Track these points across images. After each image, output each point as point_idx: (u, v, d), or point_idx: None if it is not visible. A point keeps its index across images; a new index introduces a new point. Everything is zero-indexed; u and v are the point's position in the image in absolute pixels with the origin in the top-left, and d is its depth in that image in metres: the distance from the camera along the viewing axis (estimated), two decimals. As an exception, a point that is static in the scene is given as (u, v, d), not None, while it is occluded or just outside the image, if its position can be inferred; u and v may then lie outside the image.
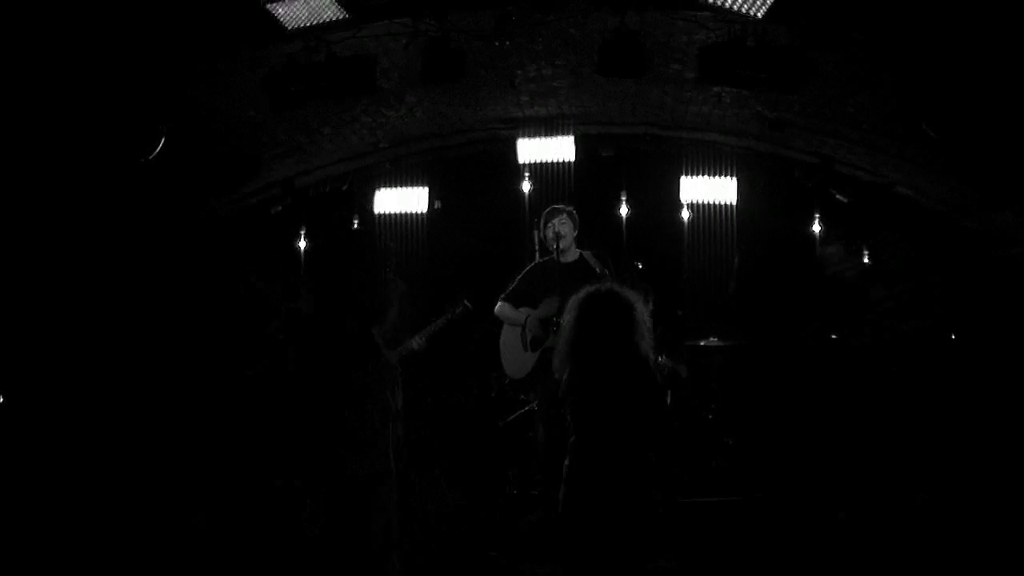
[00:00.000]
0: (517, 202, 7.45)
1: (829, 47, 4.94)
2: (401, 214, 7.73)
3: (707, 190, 7.28)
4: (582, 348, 3.38)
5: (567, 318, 3.48)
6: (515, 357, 5.67)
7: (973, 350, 6.30)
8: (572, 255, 5.57)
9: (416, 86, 6.18)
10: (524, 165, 7.46)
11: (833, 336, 6.73)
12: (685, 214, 7.33)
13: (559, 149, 7.41)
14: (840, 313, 6.90)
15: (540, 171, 7.50)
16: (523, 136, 7.47)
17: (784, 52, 4.91)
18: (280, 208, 7.67)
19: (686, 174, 7.34)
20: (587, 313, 3.39)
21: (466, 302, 5.96)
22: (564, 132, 7.44)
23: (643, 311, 3.40)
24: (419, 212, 7.70)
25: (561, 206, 5.67)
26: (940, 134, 4.97)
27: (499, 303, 5.66)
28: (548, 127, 7.48)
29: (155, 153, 5.36)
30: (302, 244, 7.74)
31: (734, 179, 7.26)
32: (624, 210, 7.05)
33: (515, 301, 5.63)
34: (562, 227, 5.48)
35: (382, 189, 7.77)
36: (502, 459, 6.11)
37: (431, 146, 7.75)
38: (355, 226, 7.52)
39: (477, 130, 7.59)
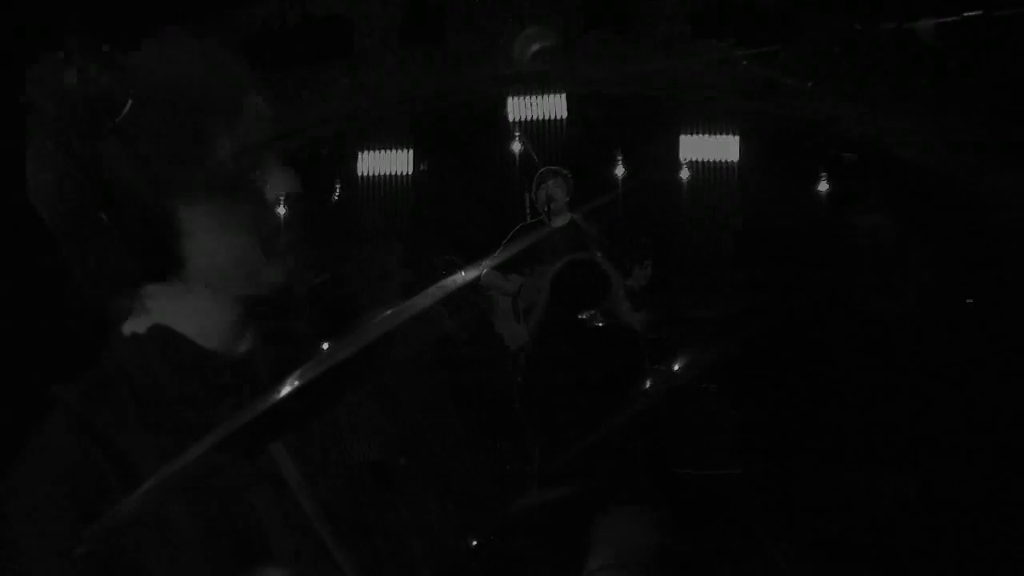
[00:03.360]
0: (507, 163, 7.17)
1: None
2: (386, 176, 7.46)
3: (707, 149, 7.07)
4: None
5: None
6: (505, 328, 5.49)
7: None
8: (564, 219, 5.36)
9: (396, 47, 5.99)
10: (514, 123, 7.20)
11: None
12: (684, 174, 7.07)
13: (551, 108, 7.16)
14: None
15: (531, 130, 7.21)
16: (513, 95, 7.20)
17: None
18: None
19: (685, 133, 7.12)
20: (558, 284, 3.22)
21: (453, 258, 5.72)
22: (556, 90, 7.18)
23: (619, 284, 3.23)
24: (405, 174, 7.43)
25: (555, 167, 5.45)
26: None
27: (485, 270, 5.44)
28: (539, 86, 7.17)
29: (121, 117, 5.11)
30: (281, 211, 7.45)
31: (736, 137, 7.04)
32: (619, 170, 6.80)
33: (503, 267, 5.40)
34: (555, 190, 5.29)
35: (365, 151, 7.48)
36: (494, 432, 5.97)
37: (416, 108, 7.45)
38: (337, 190, 7.25)
39: (464, 90, 7.25)
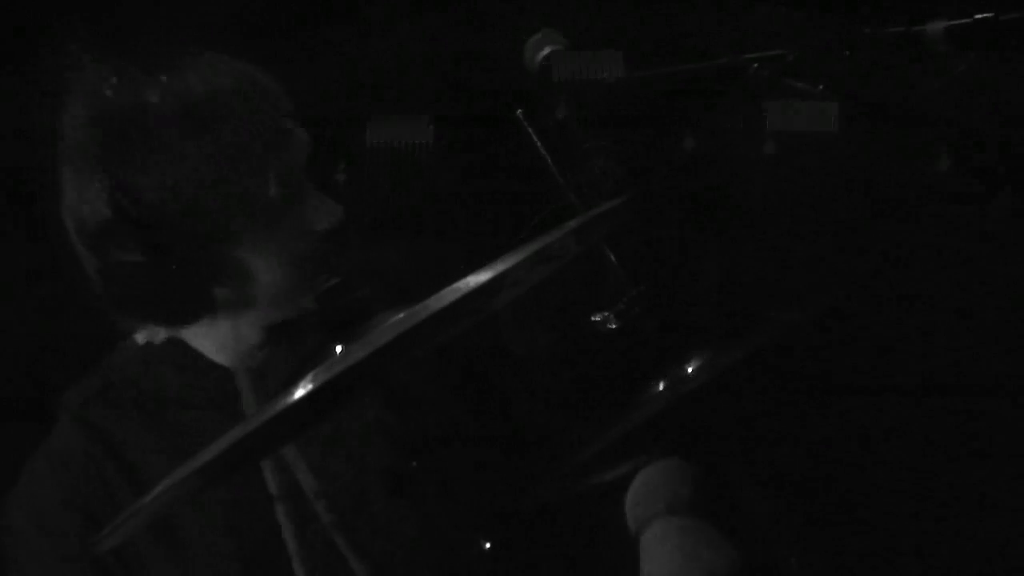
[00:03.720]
0: (547, 133, 6.26)
1: None
2: (399, 148, 6.54)
3: (798, 117, 6.05)
4: None
5: None
6: (516, 326, 4.89)
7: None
8: (609, 205, 4.54)
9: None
10: (559, 84, 6.23)
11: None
12: (769, 148, 6.06)
13: (604, 65, 5.79)
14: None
15: (579, 93, 6.20)
16: (555, 49, 6.36)
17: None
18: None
19: (769, 98, 5.97)
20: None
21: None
22: (610, 46, 5.91)
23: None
24: (424, 143, 6.47)
25: (602, 143, 4.59)
26: None
27: (505, 257, 4.56)
28: (587, 43, 6.38)
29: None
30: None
31: (835, 104, 5.95)
32: (689, 143, 5.92)
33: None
34: (600, 171, 4.57)
35: (375, 120, 6.48)
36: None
37: (437, 70, 6.55)
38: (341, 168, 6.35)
39: (492, 48, 6.24)
